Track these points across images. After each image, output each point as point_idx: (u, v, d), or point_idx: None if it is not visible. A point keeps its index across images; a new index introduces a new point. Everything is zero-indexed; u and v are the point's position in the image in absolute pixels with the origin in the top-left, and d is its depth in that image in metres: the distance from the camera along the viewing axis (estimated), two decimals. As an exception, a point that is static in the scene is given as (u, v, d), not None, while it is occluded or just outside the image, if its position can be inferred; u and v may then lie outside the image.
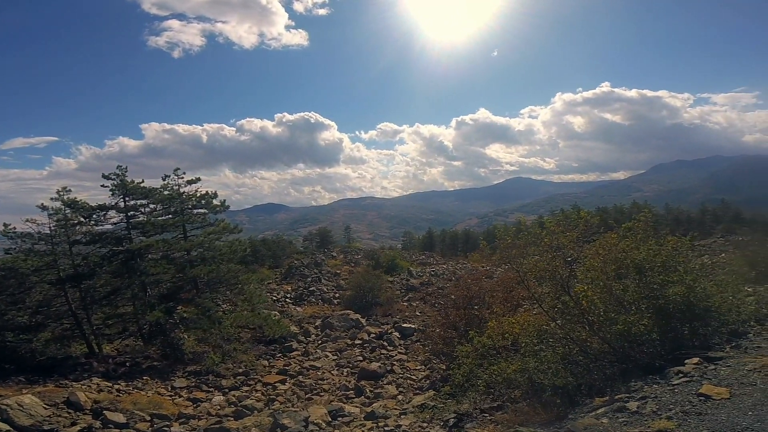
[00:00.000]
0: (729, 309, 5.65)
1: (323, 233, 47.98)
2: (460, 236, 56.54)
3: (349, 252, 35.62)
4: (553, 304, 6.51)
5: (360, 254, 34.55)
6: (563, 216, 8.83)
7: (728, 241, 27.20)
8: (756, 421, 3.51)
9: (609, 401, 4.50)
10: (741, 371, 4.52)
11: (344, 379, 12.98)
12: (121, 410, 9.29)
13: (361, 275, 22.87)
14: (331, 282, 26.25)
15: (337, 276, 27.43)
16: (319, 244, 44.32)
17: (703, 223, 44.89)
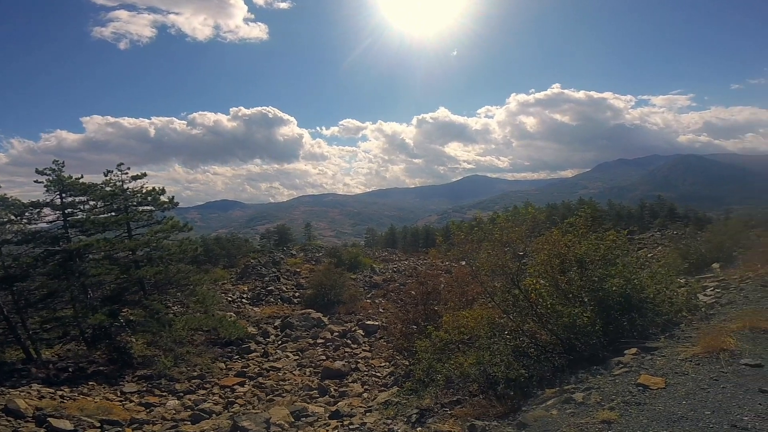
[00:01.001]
0: (663, 300, 5.96)
1: (282, 231, 46.87)
2: (421, 233, 57.38)
3: (310, 250, 35.08)
4: (504, 297, 6.69)
5: (321, 252, 34.11)
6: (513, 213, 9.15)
7: (664, 235, 29.36)
8: (690, 410, 3.67)
9: (558, 392, 4.64)
10: (674, 361, 4.72)
11: (307, 379, 12.79)
12: (68, 417, 8.81)
13: (322, 273, 22.54)
14: (291, 281, 25.75)
15: (297, 275, 26.94)
16: (277, 242, 43.27)
17: (642, 218, 48.28)
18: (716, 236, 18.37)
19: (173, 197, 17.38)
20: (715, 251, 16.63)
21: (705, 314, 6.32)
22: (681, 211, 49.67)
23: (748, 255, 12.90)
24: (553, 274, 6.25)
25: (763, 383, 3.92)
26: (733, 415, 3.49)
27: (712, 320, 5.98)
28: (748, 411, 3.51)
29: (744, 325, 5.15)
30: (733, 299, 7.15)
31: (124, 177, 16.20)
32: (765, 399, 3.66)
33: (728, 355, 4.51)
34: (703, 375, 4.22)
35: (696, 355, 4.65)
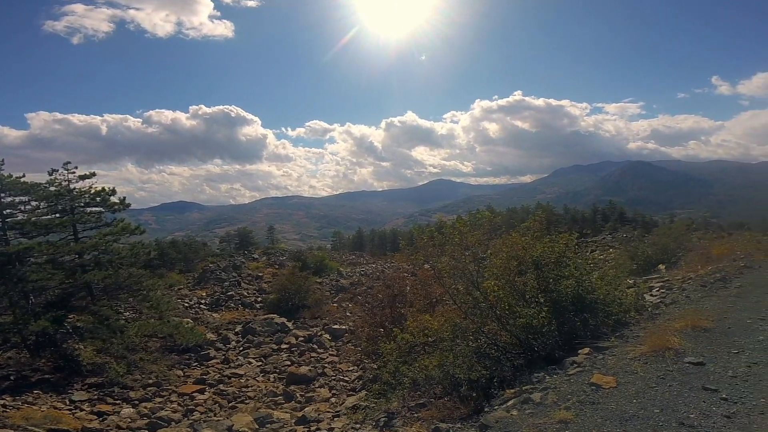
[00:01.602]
0: (612, 301, 6.18)
1: (243, 234, 45.56)
2: (389, 236, 57.63)
3: (273, 253, 34.31)
4: (465, 299, 6.79)
5: (285, 256, 33.46)
6: (472, 217, 9.35)
7: (615, 238, 31.01)
8: (640, 408, 3.77)
9: (517, 393, 4.70)
10: (624, 360, 4.85)
11: (271, 385, 12.53)
12: (11, 426, 8.18)
13: (286, 277, 22.04)
14: (253, 286, 25.09)
15: (260, 279, 26.31)
16: (238, 245, 42.01)
17: (594, 222, 50.85)
18: (661, 239, 19.57)
19: (125, 198, 16.47)
20: (660, 253, 17.68)
21: (651, 314, 6.60)
22: (630, 215, 52.81)
23: (690, 257, 13.56)
24: (511, 275, 6.37)
25: (705, 381, 4.11)
26: (680, 412, 3.62)
27: (658, 320, 6.24)
28: (694, 408, 3.67)
29: (686, 324, 5.41)
30: (677, 299, 7.52)
31: (70, 176, 15.16)
32: (708, 396, 3.84)
33: (673, 354, 4.70)
34: (651, 373, 4.37)
35: (644, 354, 4.82)
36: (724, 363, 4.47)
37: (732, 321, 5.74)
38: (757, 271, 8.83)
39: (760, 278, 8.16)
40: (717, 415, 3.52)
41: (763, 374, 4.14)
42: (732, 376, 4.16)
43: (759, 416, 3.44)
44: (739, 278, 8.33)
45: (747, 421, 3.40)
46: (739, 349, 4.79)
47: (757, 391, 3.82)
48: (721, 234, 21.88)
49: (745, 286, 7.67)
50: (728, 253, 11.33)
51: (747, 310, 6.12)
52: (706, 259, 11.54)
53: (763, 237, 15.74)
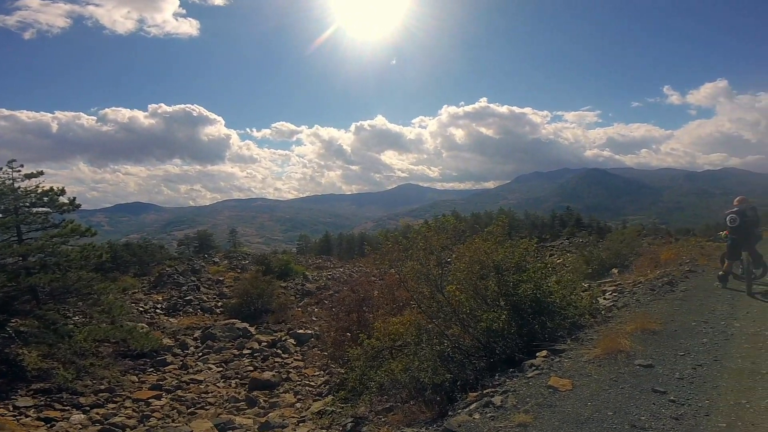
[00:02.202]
0: (568, 304, 6.36)
1: (203, 237, 44.01)
2: (357, 240, 57.47)
3: (235, 257, 33.32)
4: (429, 304, 6.84)
5: (248, 259, 32.61)
6: (436, 222, 9.50)
7: (572, 243, 32.34)
8: (595, 411, 3.84)
9: (479, 396, 4.70)
10: (579, 362, 4.95)
11: (233, 390, 12.20)
12: None
13: (248, 281, 21.58)
14: (213, 290, 24.36)
15: (220, 283, 25.53)
16: (197, 248, 40.56)
17: (553, 227, 53.04)
18: (614, 244, 20.57)
19: (75, 198, 15.47)
20: (613, 258, 18.56)
21: (604, 317, 6.79)
22: (586, 221, 55.44)
23: (640, 261, 14.04)
24: (473, 280, 6.45)
25: (655, 383, 4.22)
26: (632, 415, 3.71)
27: (611, 323, 6.41)
28: (644, 411, 3.76)
29: (637, 327, 5.60)
30: (628, 302, 7.77)
31: (15, 175, 14.07)
32: (657, 398, 3.95)
33: (625, 357, 4.83)
34: (605, 376, 4.48)
35: (597, 356, 4.94)
36: (671, 365, 4.63)
37: (678, 324, 6.00)
38: (701, 275, 9.31)
39: (704, 282, 8.61)
40: (666, 417, 3.62)
41: (707, 376, 4.32)
42: (679, 378, 4.30)
43: (705, 418, 3.57)
44: (685, 282, 8.74)
45: (694, 422, 3.52)
46: (684, 351, 4.99)
47: (702, 393, 3.97)
48: (669, 239, 23.24)
49: (689, 289, 8.06)
50: (675, 258, 11.90)
51: (692, 313, 6.43)
52: (655, 263, 12.07)
53: (706, 242, 16.85)
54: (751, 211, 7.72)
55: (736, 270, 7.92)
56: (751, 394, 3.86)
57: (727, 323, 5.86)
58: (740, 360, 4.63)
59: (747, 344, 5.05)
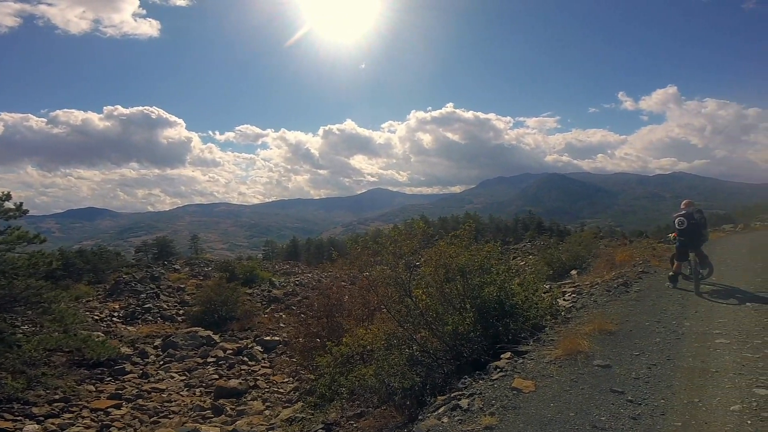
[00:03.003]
0: (530, 306, 6.47)
1: (162, 243, 42.19)
2: (325, 245, 56.91)
3: (197, 264, 32.25)
4: (398, 308, 6.85)
5: (211, 266, 31.61)
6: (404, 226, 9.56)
7: (534, 246, 33.49)
8: (557, 412, 3.87)
9: (447, 400, 4.69)
10: (541, 363, 4.98)
11: (198, 399, 11.94)
12: None
13: (211, 288, 21.06)
14: (173, 298, 23.54)
15: (182, 291, 24.65)
16: (157, 255, 38.84)
17: (516, 231, 54.75)
18: (573, 246, 21.45)
19: (22, 204, 14.44)
20: (573, 260, 19.34)
21: (564, 318, 6.91)
22: (547, 225, 57.57)
23: (597, 263, 14.58)
24: (440, 283, 6.50)
25: (612, 383, 4.30)
26: (592, 415, 3.76)
27: (570, 323, 6.53)
28: (604, 411, 3.82)
29: (594, 328, 5.74)
30: (586, 303, 7.91)
31: (-46, 179, 13.00)
32: (616, 398, 4.02)
33: (584, 357, 4.91)
34: (565, 377, 4.53)
35: (558, 357, 4.99)
36: (627, 365, 4.73)
37: (633, 324, 6.17)
38: (653, 276, 9.69)
39: (656, 282, 8.98)
40: (625, 417, 3.69)
41: (661, 375, 4.43)
42: (635, 378, 4.40)
43: (661, 417, 3.64)
44: (638, 283, 9.07)
45: (651, 422, 3.58)
46: (639, 351, 5.10)
47: (657, 392, 4.06)
48: (624, 241, 24.39)
49: (643, 290, 8.38)
50: (629, 260, 12.34)
51: (645, 314, 6.68)
52: (611, 265, 12.44)
53: (657, 244, 17.76)
54: (698, 213, 8.16)
55: (685, 270, 8.29)
56: (703, 392, 3.99)
57: (678, 323, 6.09)
58: (691, 359, 4.78)
59: (696, 343, 5.24)
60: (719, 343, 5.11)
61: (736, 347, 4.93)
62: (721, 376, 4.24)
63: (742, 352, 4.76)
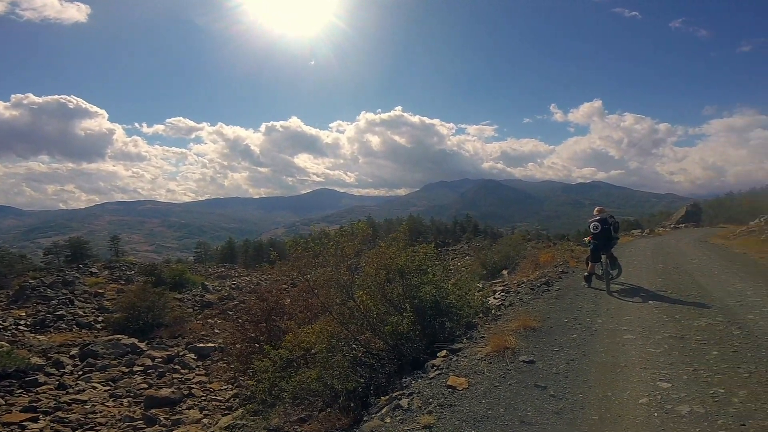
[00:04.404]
0: (463, 305, 6.72)
1: (77, 244, 38.27)
2: (265, 246, 54.95)
3: (118, 267, 29.69)
4: (341, 310, 6.85)
5: (134, 269, 29.26)
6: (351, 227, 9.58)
7: (470, 247, 35.07)
8: (488, 408, 3.94)
9: (389, 400, 4.71)
10: (473, 361, 5.08)
11: (126, 409, 11.17)
12: None
13: (134, 294, 19.64)
14: (91, 304, 21.63)
15: (100, 296, 22.64)
16: (70, 258, 35.18)
17: (455, 233, 57.05)
18: (505, 248, 22.79)
19: None
20: (504, 260, 20.54)
21: (494, 316, 7.27)
22: (482, 227, 60.65)
23: (524, 263, 15.44)
24: (381, 284, 6.58)
25: (537, 378, 4.46)
26: (520, 411, 3.86)
27: (499, 321, 6.80)
28: (530, 406, 3.94)
29: (520, 325, 6.07)
30: (513, 301, 8.41)
31: None
32: (540, 393, 4.16)
33: (511, 353, 5.08)
34: (495, 373, 4.66)
35: (488, 354, 5.14)
36: (549, 360, 4.96)
37: (553, 321, 6.55)
38: (571, 276, 10.53)
39: (574, 282, 9.77)
40: (548, 412, 3.81)
41: (578, 370, 4.65)
42: (556, 373, 4.60)
43: (580, 411, 3.80)
44: (559, 282, 9.81)
45: (572, 416, 3.73)
46: (559, 347, 5.38)
47: (576, 387, 4.27)
48: (548, 244, 26.40)
49: (562, 289, 9.06)
50: (551, 261, 13.31)
51: (564, 311, 7.21)
52: (536, 265, 13.32)
53: (576, 247, 19.38)
54: (610, 219, 9.08)
55: (598, 271, 9.07)
56: (615, 386, 4.23)
57: (591, 320, 6.62)
58: (604, 354, 5.09)
59: (608, 339, 5.64)
60: (627, 339, 5.57)
61: (641, 342, 5.40)
62: (630, 371, 4.57)
63: (646, 347, 5.21)
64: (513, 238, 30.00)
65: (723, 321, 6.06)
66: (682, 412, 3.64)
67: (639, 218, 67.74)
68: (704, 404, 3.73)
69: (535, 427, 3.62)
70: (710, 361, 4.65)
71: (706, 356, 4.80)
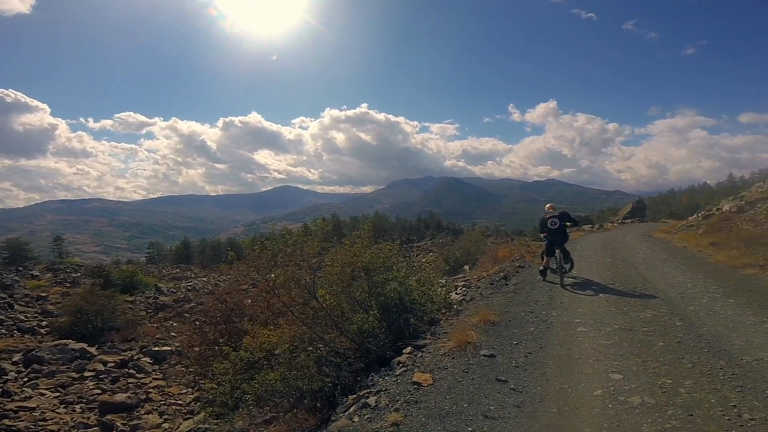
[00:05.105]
0: (427, 301, 6.82)
1: (15, 245, 35.47)
2: (224, 246, 53.06)
3: (62, 269, 27.80)
4: (303, 310, 6.73)
5: (80, 271, 27.53)
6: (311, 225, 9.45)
7: (434, 243, 35.68)
8: (453, 404, 3.95)
9: (357, 398, 4.67)
10: (437, 356, 5.11)
11: (80, 416, 10.69)
12: None
13: (81, 297, 18.64)
14: (33, 308, 20.37)
15: (44, 300, 21.24)
16: (7, 260, 32.59)
17: (419, 230, 57.77)
18: (466, 244, 23.38)
19: None
20: (465, 256, 21.05)
21: (456, 311, 7.37)
22: (445, 224, 61.82)
23: (483, 259, 15.75)
24: (345, 282, 6.54)
25: (497, 372, 4.52)
26: (483, 405, 3.90)
27: (461, 315, 6.84)
28: (492, 400, 3.99)
29: (480, 320, 6.17)
30: (474, 296, 8.52)
31: None
32: (501, 387, 4.23)
33: (473, 348, 5.13)
34: (458, 368, 4.69)
35: (451, 349, 5.17)
36: (508, 354, 5.05)
37: (511, 315, 6.67)
38: (528, 270, 10.86)
39: (530, 276, 10.06)
40: (510, 406, 3.88)
41: (536, 363, 4.74)
42: (515, 366, 4.69)
43: (540, 404, 3.88)
44: (516, 276, 10.07)
45: (532, 409, 3.81)
46: (517, 340, 5.49)
47: (535, 380, 4.36)
48: (507, 239, 27.29)
49: (519, 283, 9.31)
50: (509, 256, 13.60)
51: (521, 304, 7.36)
52: (495, 260, 13.58)
53: (532, 242, 20.14)
54: (565, 215, 9.50)
55: (552, 265, 9.41)
56: (571, 378, 4.34)
57: (547, 313, 6.79)
58: (559, 347, 5.21)
59: (563, 332, 5.78)
60: (580, 331, 5.77)
61: (593, 335, 5.60)
62: (584, 363, 4.70)
63: (598, 339, 5.41)
64: (473, 234, 30.79)
65: (667, 312, 6.38)
66: (634, 403, 3.76)
67: (589, 214, 71.52)
68: (654, 395, 3.86)
69: (497, 421, 3.66)
70: (657, 352, 4.87)
71: (653, 347, 5.02)
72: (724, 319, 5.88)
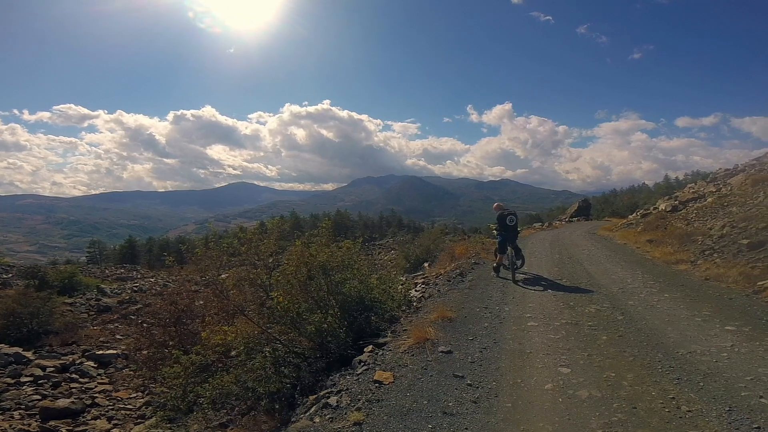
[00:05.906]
0: (387, 298, 6.85)
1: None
2: (173, 245, 50.53)
3: (-10, 270, 25.35)
4: (259, 310, 6.56)
5: (11, 272, 25.33)
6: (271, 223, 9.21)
7: (396, 241, 35.95)
8: (413, 401, 3.98)
9: (317, 399, 4.62)
10: (397, 354, 5.14)
11: (19, 423, 10.00)
12: None
13: (13, 299, 17.30)
14: None
15: (-34, 304, 19.19)
16: (-76, 261, 29.23)
17: (381, 228, 58.05)
18: (425, 241, 23.75)
19: None
20: (425, 253, 21.38)
21: (415, 308, 7.43)
22: (406, 222, 62.52)
23: (442, 256, 16.11)
24: (302, 281, 6.44)
25: (455, 368, 4.58)
26: (442, 402, 3.95)
27: (420, 313, 6.92)
28: (450, 397, 4.03)
29: (438, 316, 6.25)
30: (432, 293, 8.63)
31: None
32: (458, 383, 4.29)
33: (431, 345, 5.19)
34: (417, 365, 4.74)
35: (411, 346, 5.22)
36: (464, 350, 5.12)
37: (467, 311, 6.79)
38: (483, 267, 11.13)
39: (484, 273, 10.33)
40: (467, 401, 3.94)
41: (491, 358, 4.83)
42: (471, 362, 4.77)
43: (495, 399, 3.95)
44: (471, 273, 10.31)
45: (488, 404, 3.88)
46: (473, 336, 5.58)
47: (489, 375, 4.45)
48: (463, 237, 27.99)
49: (475, 279, 9.53)
50: (465, 253, 13.86)
51: (476, 300, 7.53)
52: (452, 257, 13.86)
53: (487, 240, 20.81)
54: (515, 214, 9.91)
55: (505, 261, 9.71)
56: (524, 373, 4.44)
57: (500, 308, 6.90)
58: (512, 341, 5.34)
59: (515, 326, 5.93)
60: (530, 326, 5.97)
61: (542, 329, 5.81)
62: (534, 357, 4.82)
63: (547, 334, 5.61)
64: (433, 232, 31.36)
65: (609, 307, 6.73)
66: (582, 396, 3.89)
67: (539, 213, 74.92)
68: (600, 388, 4.01)
69: (456, 417, 3.72)
70: (601, 346, 5.12)
71: (597, 341, 5.26)
72: (661, 313, 6.24)
